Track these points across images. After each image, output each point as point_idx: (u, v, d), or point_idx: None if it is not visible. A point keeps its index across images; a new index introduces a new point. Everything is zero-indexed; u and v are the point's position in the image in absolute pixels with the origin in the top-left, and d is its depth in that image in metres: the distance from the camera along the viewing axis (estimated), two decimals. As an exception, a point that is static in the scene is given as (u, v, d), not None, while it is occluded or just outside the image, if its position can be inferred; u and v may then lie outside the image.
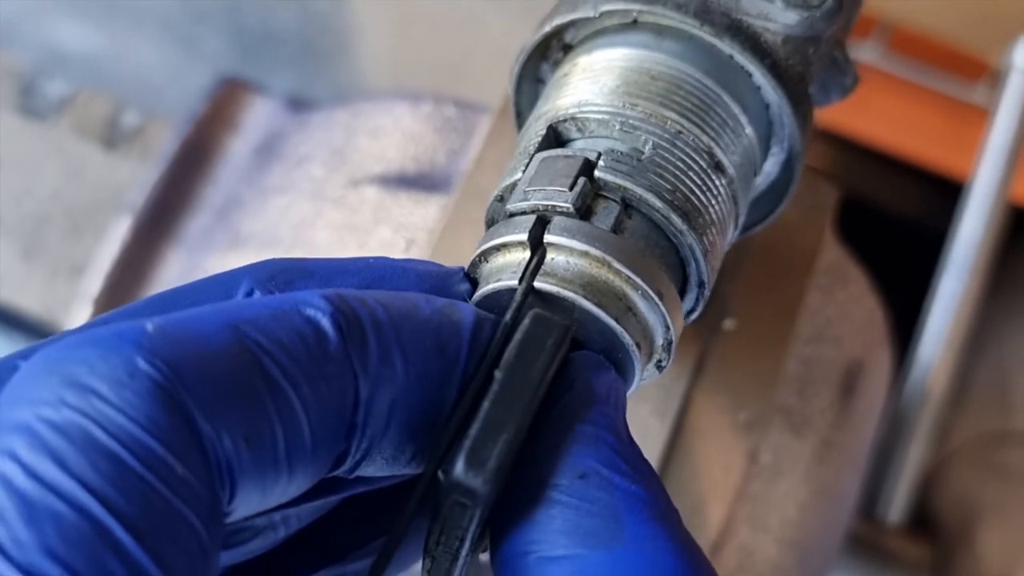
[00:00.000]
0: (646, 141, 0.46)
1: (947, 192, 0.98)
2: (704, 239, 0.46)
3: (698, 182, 0.46)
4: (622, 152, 0.46)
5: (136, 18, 1.13)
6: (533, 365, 0.40)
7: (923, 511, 0.90)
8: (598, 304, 0.43)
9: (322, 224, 0.69)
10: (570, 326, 0.41)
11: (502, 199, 0.48)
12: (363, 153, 0.71)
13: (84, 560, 0.31)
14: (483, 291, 0.45)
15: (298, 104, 0.78)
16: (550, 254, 0.44)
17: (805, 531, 0.64)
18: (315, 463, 0.37)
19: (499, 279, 0.44)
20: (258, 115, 0.79)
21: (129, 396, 0.33)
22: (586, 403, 0.41)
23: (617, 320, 0.44)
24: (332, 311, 0.37)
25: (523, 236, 0.44)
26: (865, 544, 0.84)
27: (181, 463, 0.33)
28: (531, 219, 0.44)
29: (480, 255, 0.46)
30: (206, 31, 1.13)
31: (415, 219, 0.67)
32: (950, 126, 1.03)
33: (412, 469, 0.40)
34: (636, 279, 0.44)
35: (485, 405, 0.39)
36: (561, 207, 0.44)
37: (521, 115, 0.55)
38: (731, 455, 0.61)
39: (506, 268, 0.44)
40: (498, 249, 0.45)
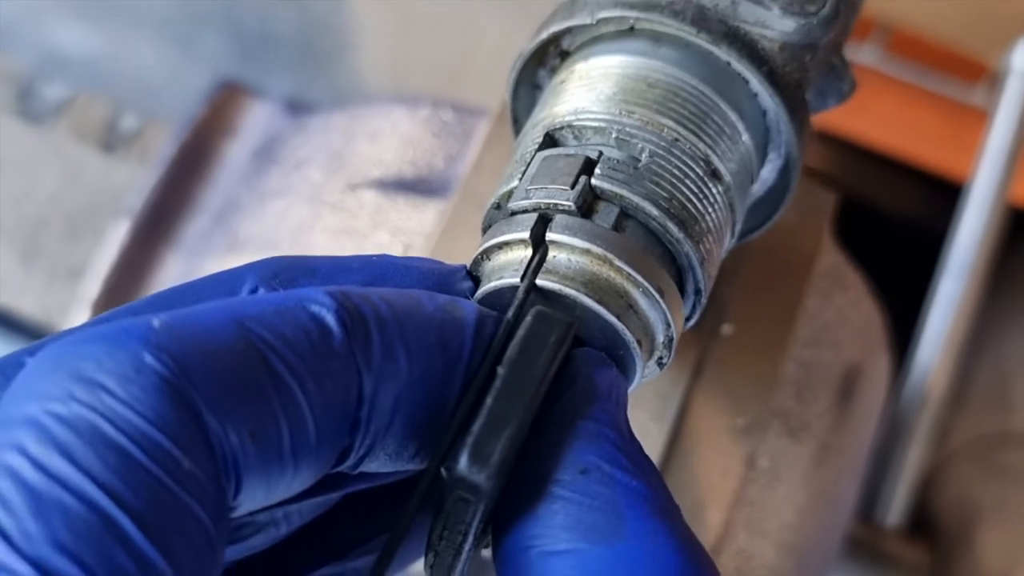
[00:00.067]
0: (643, 149, 0.46)
1: (946, 193, 0.98)
2: (701, 247, 0.46)
3: (695, 190, 0.46)
4: (619, 160, 0.46)
5: (134, 20, 1.12)
6: (536, 361, 0.40)
7: (922, 512, 0.90)
8: (599, 301, 0.43)
9: (320, 228, 0.69)
10: (572, 323, 0.42)
11: (499, 207, 0.48)
12: (361, 157, 0.71)
13: (92, 552, 0.31)
14: (485, 289, 0.45)
15: (296, 107, 0.78)
16: (552, 252, 0.44)
17: (803, 535, 0.64)
18: (319, 459, 0.37)
19: (501, 277, 0.44)
20: (256, 119, 0.79)
21: (136, 391, 0.33)
22: (588, 399, 0.41)
23: (618, 317, 0.44)
24: (336, 307, 0.37)
25: (525, 234, 0.44)
26: (864, 547, 0.84)
27: (188, 457, 0.33)
28: (533, 217, 0.45)
29: (482, 253, 0.46)
30: (205, 33, 1.13)
31: (413, 223, 0.67)
32: (949, 127, 1.03)
33: (415, 465, 0.41)
34: (637, 276, 0.44)
35: (488, 401, 0.39)
36: (563, 205, 0.44)
37: (518, 121, 0.55)
38: (729, 459, 0.61)
39: (508, 266, 0.45)
40: (500, 247, 0.45)
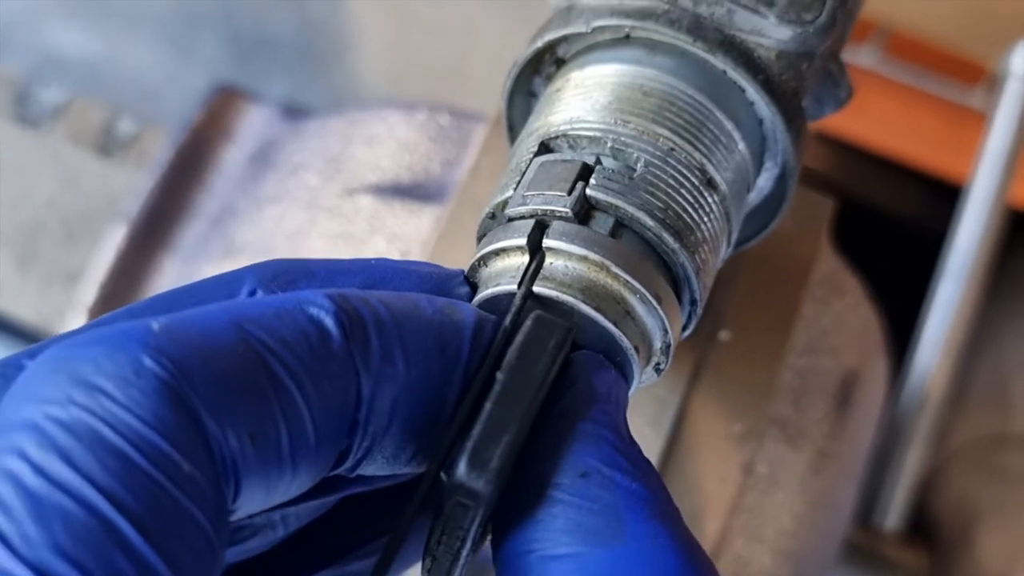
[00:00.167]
0: (638, 159, 0.46)
1: (945, 195, 0.98)
2: (696, 257, 0.46)
3: (690, 200, 0.46)
4: (614, 170, 0.46)
5: (131, 23, 1.12)
6: (535, 366, 0.40)
7: (922, 514, 0.90)
8: (596, 308, 0.43)
9: (317, 233, 0.69)
10: (571, 327, 0.42)
11: (494, 216, 0.48)
12: (358, 162, 0.71)
13: (92, 557, 0.31)
14: (482, 295, 0.45)
15: (293, 112, 0.78)
16: (549, 258, 0.44)
17: (801, 542, 0.64)
18: (318, 461, 0.37)
19: (498, 283, 0.44)
20: (253, 123, 0.78)
21: (136, 394, 0.33)
22: (587, 401, 0.41)
23: (615, 324, 0.44)
24: (335, 310, 0.37)
25: (522, 240, 0.44)
26: (862, 552, 0.84)
27: (188, 461, 0.33)
28: (530, 223, 0.45)
29: (479, 259, 0.46)
30: (202, 36, 1.12)
31: (409, 229, 0.67)
32: (947, 129, 1.02)
33: (412, 468, 0.41)
34: (634, 283, 0.44)
35: (487, 406, 0.39)
36: (560, 212, 0.44)
37: (514, 129, 0.55)
38: (726, 466, 0.61)
39: (505, 272, 0.45)
40: (497, 253, 0.45)
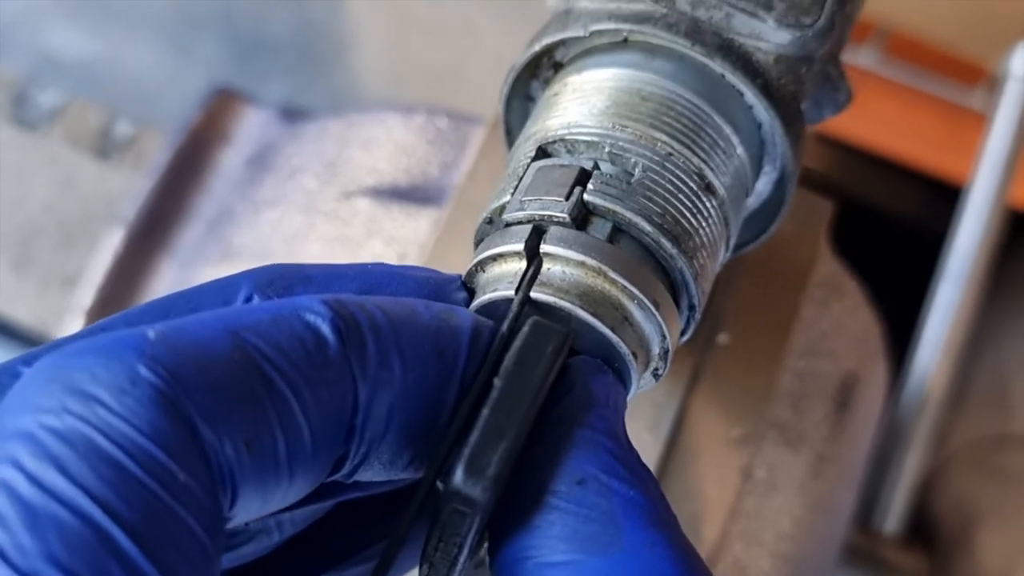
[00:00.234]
0: (636, 163, 0.46)
1: (945, 195, 0.98)
2: (694, 262, 0.46)
3: (688, 205, 0.46)
4: (612, 175, 0.45)
5: (129, 25, 1.12)
6: (533, 372, 0.40)
7: (921, 515, 0.90)
8: (594, 314, 0.43)
9: (314, 237, 0.68)
10: (569, 333, 0.42)
11: (491, 221, 0.47)
12: (355, 165, 0.71)
13: (87, 566, 0.31)
14: (480, 301, 0.45)
15: (291, 114, 0.78)
16: (546, 264, 0.44)
17: (800, 546, 0.64)
18: (315, 468, 0.37)
19: (495, 289, 0.44)
20: (251, 125, 0.78)
21: (131, 403, 0.33)
22: (585, 407, 0.41)
23: (613, 330, 0.43)
24: (331, 316, 0.37)
25: (519, 246, 0.44)
26: (862, 555, 0.84)
27: (183, 470, 0.33)
28: (527, 229, 0.44)
29: (476, 265, 0.46)
30: (200, 38, 1.12)
31: (407, 232, 0.67)
32: (947, 130, 1.02)
33: (410, 474, 0.41)
34: (632, 289, 0.44)
35: (484, 412, 0.39)
36: (557, 217, 0.44)
37: (511, 133, 0.55)
38: (725, 470, 0.61)
39: (502, 278, 0.44)
40: (494, 259, 0.45)
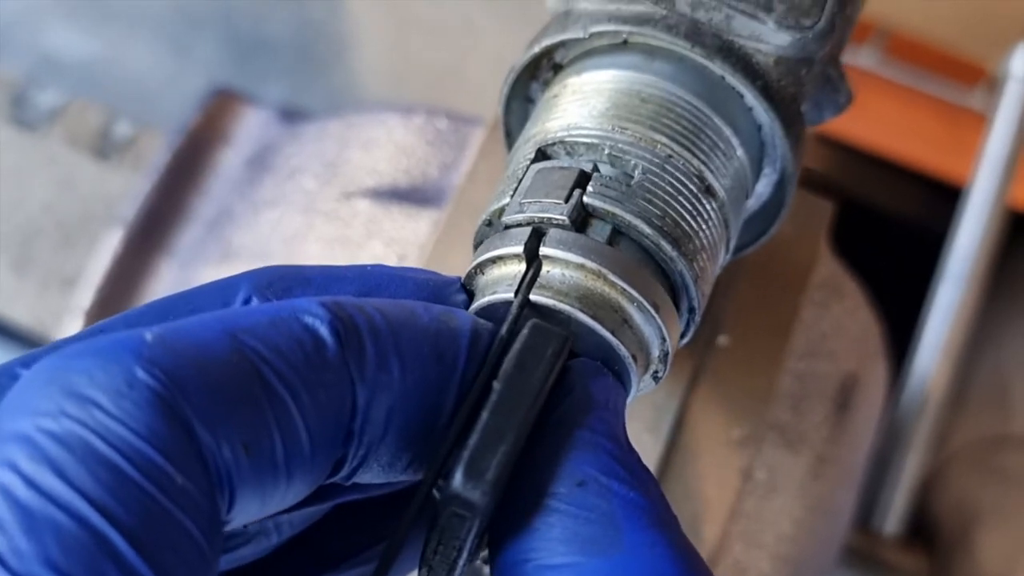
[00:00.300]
0: (636, 166, 0.46)
1: (944, 195, 0.98)
2: (694, 265, 0.46)
3: (688, 207, 0.46)
4: (611, 177, 0.45)
5: (129, 25, 1.12)
6: (532, 375, 0.40)
7: (921, 515, 0.90)
8: (594, 317, 0.43)
9: (314, 238, 0.68)
10: (568, 336, 0.41)
11: (490, 223, 0.47)
12: (355, 166, 0.71)
13: (84, 570, 0.31)
14: (479, 303, 0.44)
15: (291, 115, 0.78)
16: (546, 266, 0.44)
17: (800, 547, 0.63)
18: (314, 470, 0.37)
19: (495, 292, 0.44)
20: (250, 126, 0.78)
21: (128, 406, 0.33)
22: (584, 409, 0.41)
23: (613, 333, 0.43)
24: (330, 318, 0.37)
25: (518, 248, 0.44)
26: (862, 556, 0.84)
27: (180, 473, 0.33)
28: (526, 231, 0.44)
29: (476, 267, 0.45)
30: (200, 38, 1.12)
31: (407, 233, 0.67)
32: (947, 131, 1.02)
33: (409, 476, 0.40)
34: (632, 291, 0.43)
35: (484, 416, 0.39)
36: (557, 219, 0.44)
37: (511, 135, 0.55)
38: (725, 472, 0.61)
39: (502, 280, 0.44)
40: (494, 261, 0.45)
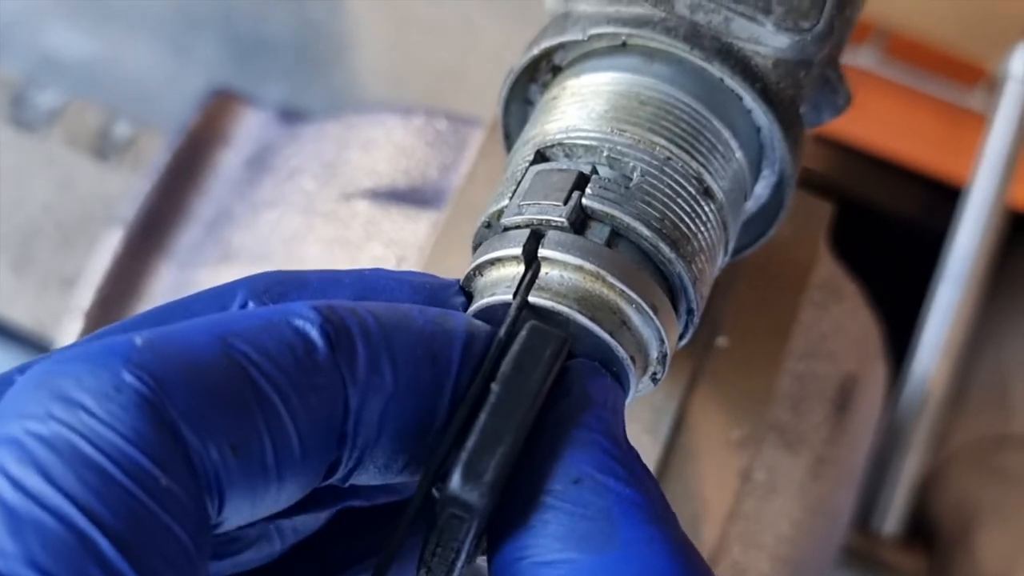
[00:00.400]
0: (634, 168, 0.46)
1: (944, 195, 0.98)
2: (693, 267, 0.46)
3: (687, 209, 0.46)
4: (610, 179, 0.45)
5: (128, 25, 1.12)
6: (530, 377, 0.40)
7: (921, 516, 0.90)
8: (592, 318, 0.43)
9: (313, 239, 0.68)
10: (567, 338, 0.41)
11: (489, 225, 0.47)
12: (354, 166, 0.71)
13: (67, 571, 0.31)
14: (477, 305, 0.45)
15: (290, 115, 0.78)
16: (544, 268, 0.44)
17: (799, 548, 0.63)
18: (306, 472, 0.37)
19: (493, 293, 0.44)
20: (249, 127, 0.78)
21: (115, 409, 0.33)
22: (582, 408, 0.41)
23: (611, 334, 0.43)
24: (321, 321, 0.37)
25: (517, 250, 0.44)
26: (861, 556, 0.84)
27: (166, 475, 0.33)
28: (525, 233, 0.44)
29: (474, 269, 0.45)
30: (199, 38, 1.12)
31: (406, 235, 0.67)
32: (946, 131, 1.02)
33: (405, 478, 0.41)
34: (630, 293, 0.43)
35: (482, 418, 0.39)
36: (555, 221, 0.44)
37: (510, 137, 0.55)
38: (724, 473, 0.61)
39: (500, 282, 0.44)
40: (492, 263, 0.45)
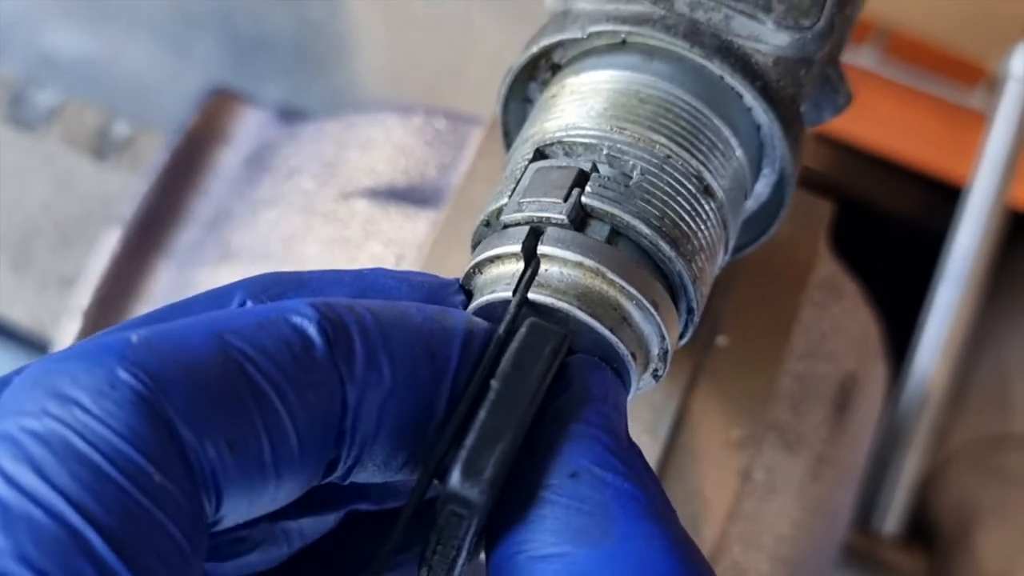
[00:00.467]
0: (634, 166, 0.46)
1: (944, 195, 0.97)
2: (693, 265, 0.46)
3: (687, 207, 0.46)
4: (610, 177, 0.45)
5: (127, 24, 1.12)
6: (530, 373, 0.40)
7: (921, 516, 0.90)
8: (592, 315, 0.43)
9: (312, 238, 0.68)
10: (567, 334, 0.41)
11: (488, 224, 0.47)
12: (353, 166, 0.70)
13: (58, 567, 0.31)
14: (477, 303, 0.44)
15: (289, 115, 0.78)
16: (544, 265, 0.44)
17: (799, 548, 0.63)
18: (304, 470, 0.37)
19: (493, 291, 0.44)
20: (248, 126, 0.78)
21: (109, 406, 0.33)
22: (581, 403, 0.41)
23: (612, 331, 0.43)
24: (319, 318, 0.37)
25: (516, 247, 0.44)
26: (861, 556, 0.84)
27: (161, 472, 0.33)
28: (525, 230, 0.44)
29: (474, 267, 0.45)
30: (198, 38, 1.12)
31: (405, 234, 0.66)
32: (947, 130, 1.02)
33: (406, 475, 0.40)
34: (630, 289, 0.43)
35: (481, 415, 0.39)
36: (555, 219, 0.44)
37: (509, 135, 0.54)
38: (724, 473, 0.61)
39: (500, 280, 0.44)
40: (492, 261, 0.45)
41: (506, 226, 0.45)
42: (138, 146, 0.83)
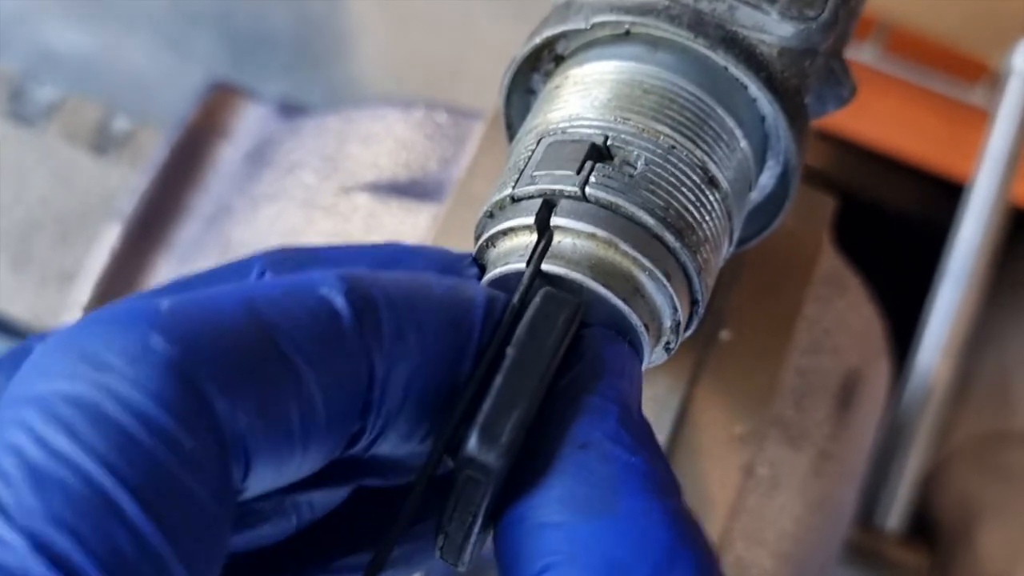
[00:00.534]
0: (638, 156, 0.45)
1: (946, 192, 0.97)
2: (698, 256, 0.45)
3: (691, 198, 0.45)
4: (614, 168, 0.45)
5: (127, 20, 1.12)
6: (545, 342, 0.40)
7: (923, 512, 0.89)
8: (606, 285, 0.43)
9: (313, 232, 0.68)
10: (581, 303, 0.42)
11: (492, 215, 0.47)
12: (355, 160, 0.70)
13: (88, 527, 0.31)
14: (491, 275, 0.45)
15: (290, 110, 0.78)
16: (557, 237, 0.44)
17: (802, 544, 0.63)
18: (330, 440, 0.37)
19: (507, 263, 0.44)
20: (249, 121, 0.78)
21: (143, 371, 0.33)
22: (595, 375, 0.41)
23: (625, 301, 0.43)
24: (346, 289, 0.37)
25: (530, 220, 0.44)
26: (863, 552, 0.84)
27: (191, 437, 0.33)
28: (538, 203, 0.44)
29: (487, 240, 0.45)
30: (198, 33, 1.12)
31: (406, 228, 0.66)
32: (949, 127, 1.02)
33: (426, 447, 0.41)
34: (643, 260, 0.43)
35: (498, 381, 0.39)
36: (568, 191, 0.44)
37: (512, 127, 0.54)
38: (727, 468, 0.61)
39: (513, 252, 0.44)
40: (505, 233, 0.45)
41: (518, 199, 0.45)
42: (138, 141, 0.83)
